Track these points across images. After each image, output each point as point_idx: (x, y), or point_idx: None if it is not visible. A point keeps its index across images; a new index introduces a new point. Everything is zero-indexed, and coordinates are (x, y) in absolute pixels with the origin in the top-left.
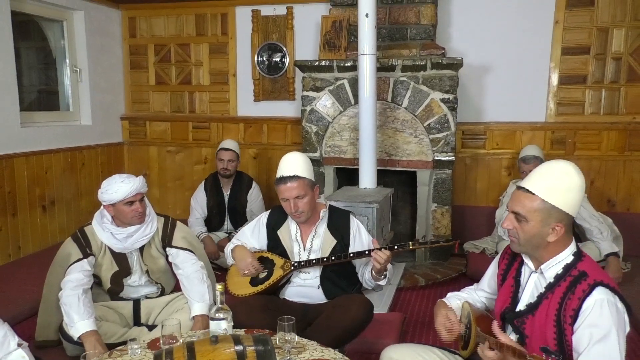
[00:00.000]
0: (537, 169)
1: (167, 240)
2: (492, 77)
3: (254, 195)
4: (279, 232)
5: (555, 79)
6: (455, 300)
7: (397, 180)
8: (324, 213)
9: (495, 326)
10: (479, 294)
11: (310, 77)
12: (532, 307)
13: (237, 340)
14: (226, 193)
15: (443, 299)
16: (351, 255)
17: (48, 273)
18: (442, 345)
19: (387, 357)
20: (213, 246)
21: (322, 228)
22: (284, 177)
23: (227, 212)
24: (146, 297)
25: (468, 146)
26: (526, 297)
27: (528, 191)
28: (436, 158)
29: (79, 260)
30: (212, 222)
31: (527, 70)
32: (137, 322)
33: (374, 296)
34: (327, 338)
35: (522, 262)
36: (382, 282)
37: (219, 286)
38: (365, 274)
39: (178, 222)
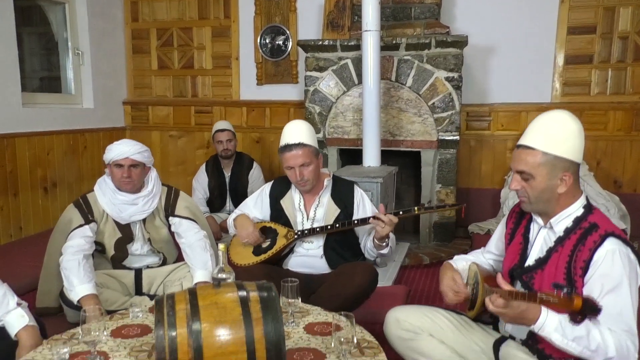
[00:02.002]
0: (532, 124)
1: (170, 209)
2: (497, 57)
3: (255, 176)
4: (282, 202)
5: (561, 59)
6: (461, 262)
7: (401, 163)
8: (327, 182)
9: (500, 277)
10: (486, 256)
11: (313, 56)
12: (541, 262)
13: (240, 286)
14: (227, 174)
15: (449, 261)
16: (355, 222)
17: (49, 240)
18: (448, 308)
19: (393, 318)
20: (215, 226)
21: (325, 197)
22: (289, 145)
23: (228, 193)
24: (148, 267)
25: (472, 128)
26: (535, 253)
27: (528, 147)
28: (440, 138)
29: (81, 226)
30: (214, 204)
31: (533, 51)
32: (138, 291)
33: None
34: (331, 306)
35: (530, 219)
36: (385, 251)
37: (221, 246)
38: (367, 243)
39: (181, 192)
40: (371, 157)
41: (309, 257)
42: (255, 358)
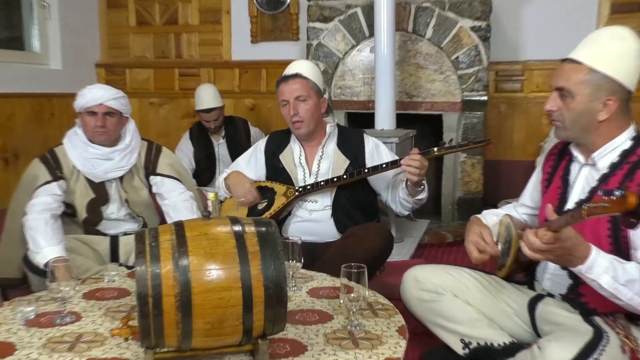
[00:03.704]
0: (586, 38)
1: (150, 167)
2: (531, 7)
3: (258, 138)
4: (281, 157)
5: (606, 8)
6: (491, 216)
7: (419, 131)
8: (331, 129)
9: (549, 207)
10: (519, 210)
11: (316, 4)
12: (582, 204)
13: (234, 220)
14: (217, 142)
15: (477, 215)
16: (366, 170)
17: (11, 200)
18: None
19: (411, 277)
20: (204, 201)
21: (330, 147)
22: (286, 76)
23: (218, 165)
24: (125, 233)
25: (503, 90)
26: (576, 195)
27: (573, 61)
28: (465, 98)
29: (48, 183)
30: (202, 176)
31: None
32: (114, 261)
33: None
34: (338, 274)
35: (570, 160)
36: (422, 196)
37: (210, 195)
38: (399, 193)
39: (164, 148)
40: (385, 119)
41: (312, 222)
42: (251, 296)
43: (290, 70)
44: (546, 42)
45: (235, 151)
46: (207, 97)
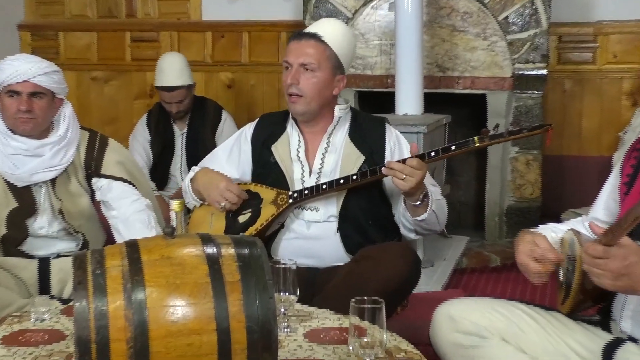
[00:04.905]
0: None
1: (93, 166)
2: None
3: (226, 131)
4: (272, 148)
5: None
6: (549, 231)
7: (455, 118)
8: (341, 112)
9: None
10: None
11: None
12: None
13: (206, 239)
14: (181, 132)
15: (530, 229)
16: (353, 177)
17: None
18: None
19: (445, 315)
20: (166, 210)
21: (339, 137)
22: (301, 33)
23: (180, 164)
24: (59, 255)
25: (568, 61)
26: None
27: None
28: (517, 72)
29: None
30: (162, 175)
31: None
32: (44, 292)
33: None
34: (344, 311)
35: None
36: (422, 217)
37: (175, 204)
38: (400, 208)
39: (111, 140)
40: (409, 100)
41: (312, 240)
42: (230, 342)
43: (311, 27)
44: None
45: (194, 148)
46: (170, 70)
